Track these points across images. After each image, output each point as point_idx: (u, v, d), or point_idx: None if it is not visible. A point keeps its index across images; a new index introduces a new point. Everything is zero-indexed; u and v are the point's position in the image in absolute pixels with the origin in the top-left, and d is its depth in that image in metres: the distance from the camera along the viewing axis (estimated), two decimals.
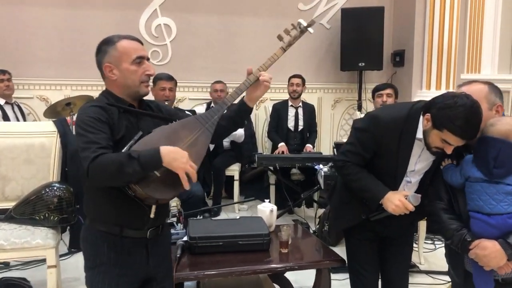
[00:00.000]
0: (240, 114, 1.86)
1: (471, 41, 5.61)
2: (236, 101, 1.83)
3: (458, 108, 1.63)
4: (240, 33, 5.15)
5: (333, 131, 5.58)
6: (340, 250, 3.37)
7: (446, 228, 1.79)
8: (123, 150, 1.57)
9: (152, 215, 1.65)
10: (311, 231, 3.93)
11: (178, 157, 1.54)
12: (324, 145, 5.46)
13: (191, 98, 5.11)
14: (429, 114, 1.72)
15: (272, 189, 4.51)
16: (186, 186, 1.57)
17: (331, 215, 2.34)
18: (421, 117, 1.80)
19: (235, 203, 4.52)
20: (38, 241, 2.33)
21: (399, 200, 1.81)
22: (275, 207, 2.62)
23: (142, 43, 1.73)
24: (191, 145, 1.69)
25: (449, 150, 1.72)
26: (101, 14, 4.76)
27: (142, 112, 1.74)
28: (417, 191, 1.94)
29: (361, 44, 4.97)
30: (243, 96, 1.85)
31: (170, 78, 3.78)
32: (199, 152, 1.70)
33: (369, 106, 5.42)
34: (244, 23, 5.16)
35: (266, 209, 2.60)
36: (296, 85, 4.66)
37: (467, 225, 1.75)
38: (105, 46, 1.67)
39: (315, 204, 4.61)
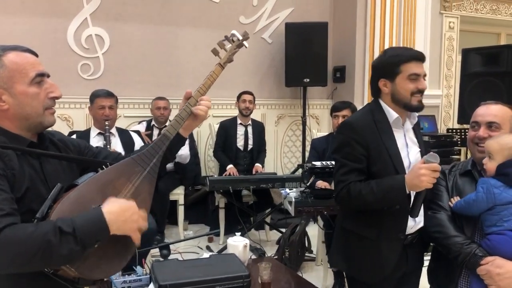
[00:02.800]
0: (172, 147, 1.51)
1: None
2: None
3: (390, 50, 1.89)
4: (178, 45, 4.83)
5: (276, 148, 5.42)
6: (304, 277, 3.20)
7: (453, 241, 1.72)
8: (37, 215, 1.14)
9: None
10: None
11: (128, 216, 1.20)
12: (269, 162, 5.27)
13: (127, 115, 4.66)
14: (381, 78, 1.80)
15: (222, 213, 4.21)
16: (138, 244, 1.27)
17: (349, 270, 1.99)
18: (381, 101, 1.84)
19: (202, 235, 4.10)
20: None
21: (419, 168, 1.62)
22: (248, 241, 2.35)
23: (37, 55, 1.30)
24: (133, 196, 1.33)
25: (422, 83, 1.77)
26: (22, 21, 4.18)
27: (48, 154, 1.30)
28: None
29: (306, 60, 4.88)
30: None
31: (109, 95, 3.37)
32: (143, 203, 1.35)
33: (312, 123, 5.35)
34: (182, 35, 4.85)
35: (239, 243, 2.31)
36: (249, 102, 4.43)
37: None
38: None
39: (266, 226, 4.39)
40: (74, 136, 3.30)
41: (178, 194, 4.27)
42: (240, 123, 4.47)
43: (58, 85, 1.32)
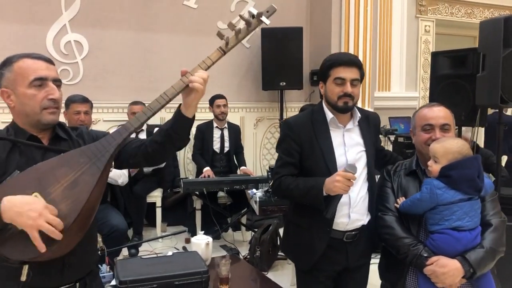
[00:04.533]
0: (174, 127, 1.47)
1: (381, 61, 5.93)
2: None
3: (330, 56, 1.96)
4: (156, 51, 4.92)
5: (255, 150, 5.52)
6: (273, 275, 3.30)
7: (402, 243, 1.82)
8: None
9: (23, 278, 1.30)
10: (242, 257, 3.80)
11: (24, 210, 1.21)
12: (248, 164, 5.35)
13: (106, 119, 4.75)
14: (320, 81, 1.93)
15: (198, 214, 4.30)
16: (41, 248, 1.22)
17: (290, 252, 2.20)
18: (323, 104, 1.96)
19: (166, 235, 4.21)
20: None
21: (337, 175, 1.75)
22: (210, 239, 2.44)
23: (52, 63, 1.48)
24: (69, 187, 1.33)
25: (347, 87, 1.84)
26: (0, 29, 4.26)
27: (43, 147, 1.46)
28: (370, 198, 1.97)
29: (282, 64, 5.00)
30: (180, 104, 1.50)
31: (84, 100, 3.44)
32: (79, 196, 1.32)
33: None
34: (160, 40, 4.94)
35: (201, 241, 2.41)
36: (223, 106, 4.53)
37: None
38: (2, 68, 1.44)
39: (242, 227, 4.49)
40: None
41: (156, 197, 4.36)
42: (216, 126, 4.57)
43: None
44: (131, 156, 1.55)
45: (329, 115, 1.94)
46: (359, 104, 5.20)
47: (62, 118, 3.54)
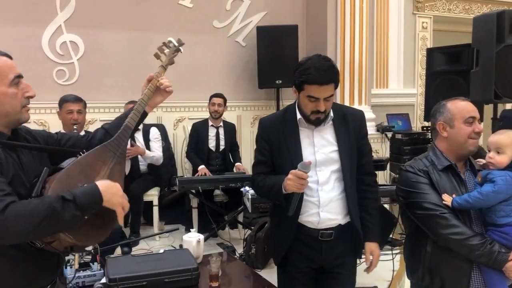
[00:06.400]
0: (137, 122, 1.70)
1: (378, 58, 5.93)
2: None
3: (306, 62, 1.82)
4: (152, 50, 4.83)
5: (252, 148, 5.50)
6: (268, 273, 3.30)
7: (474, 241, 1.76)
8: (33, 194, 1.31)
9: (76, 266, 1.51)
10: (237, 255, 3.81)
11: (115, 191, 1.39)
12: (245, 163, 5.36)
13: (102, 119, 4.75)
14: (293, 85, 1.88)
15: (195, 212, 4.31)
16: (121, 222, 1.44)
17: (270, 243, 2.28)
18: (296, 108, 1.94)
19: (159, 233, 4.23)
20: None
21: (290, 173, 1.77)
22: (202, 237, 2.44)
23: (12, 58, 1.43)
24: (109, 177, 1.51)
25: (321, 106, 1.81)
26: None
27: (24, 145, 1.45)
28: (349, 199, 1.94)
29: (277, 62, 4.99)
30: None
31: (77, 100, 3.47)
32: (118, 183, 1.52)
33: None
34: (155, 40, 4.85)
35: (193, 239, 2.41)
36: (218, 105, 4.54)
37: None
38: None
39: (239, 225, 4.50)
40: None
41: (153, 195, 4.37)
42: (212, 125, 4.59)
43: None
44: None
45: (298, 115, 1.93)
46: (356, 102, 5.20)
47: (56, 118, 3.59)
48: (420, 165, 1.94)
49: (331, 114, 1.93)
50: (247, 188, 3.20)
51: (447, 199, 1.84)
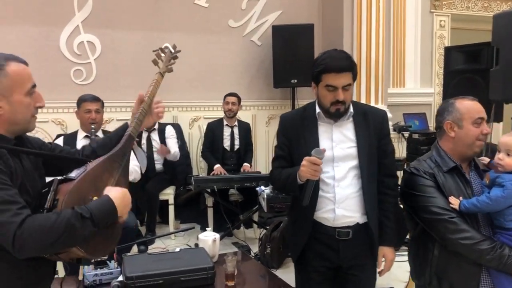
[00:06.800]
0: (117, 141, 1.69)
1: (395, 57, 5.87)
2: None
3: (323, 55, 1.87)
4: None
5: (268, 148, 5.52)
6: (283, 273, 3.30)
7: (483, 245, 1.72)
8: (46, 206, 1.31)
9: (80, 277, 1.49)
10: (252, 254, 3.81)
11: (126, 201, 1.43)
12: (260, 162, 5.38)
13: (119, 118, 4.80)
14: (312, 80, 1.89)
15: (210, 211, 4.33)
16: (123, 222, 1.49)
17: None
18: (316, 104, 1.95)
19: (175, 232, 4.25)
20: None
21: (303, 160, 1.76)
22: (217, 236, 2.45)
23: (28, 65, 1.41)
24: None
25: (339, 95, 1.81)
26: (15, 30, 4.35)
27: (33, 152, 1.46)
28: (368, 200, 1.91)
29: (293, 61, 4.97)
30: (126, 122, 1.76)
31: (95, 99, 3.50)
32: None
33: None
34: (171, 40, 4.86)
35: (208, 238, 2.42)
36: (232, 104, 4.54)
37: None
38: None
39: (254, 225, 4.49)
40: (61, 139, 3.45)
41: (168, 194, 4.39)
42: (227, 124, 4.60)
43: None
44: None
45: (317, 109, 1.94)
46: (372, 101, 5.16)
47: (74, 117, 3.63)
48: (425, 167, 1.90)
49: (351, 110, 1.92)
50: (262, 187, 3.20)
51: (455, 202, 1.80)
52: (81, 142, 3.44)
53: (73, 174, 1.46)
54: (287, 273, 3.38)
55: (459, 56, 4.36)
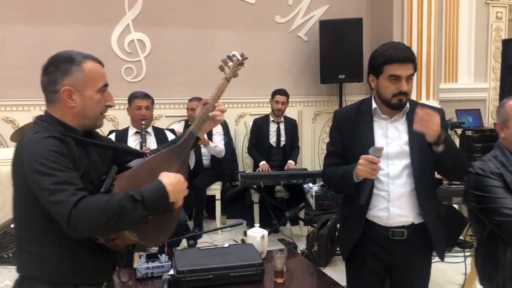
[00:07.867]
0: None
1: (447, 51, 5.65)
2: None
3: (383, 46, 1.84)
4: (215, 47, 4.99)
5: (314, 144, 5.47)
6: (331, 271, 3.26)
7: None
8: (102, 190, 1.37)
9: (135, 265, 1.49)
10: (299, 251, 3.79)
11: (179, 187, 1.44)
12: (306, 159, 5.34)
13: (168, 115, 4.91)
14: (370, 73, 1.87)
15: (256, 207, 4.34)
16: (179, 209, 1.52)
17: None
18: (373, 99, 1.91)
19: (223, 227, 4.30)
20: (7, 282, 2.10)
21: (360, 158, 1.72)
22: (266, 232, 2.45)
23: (103, 65, 1.51)
24: None
25: (403, 86, 1.77)
26: (69, 30, 4.52)
27: (97, 143, 1.52)
28: (425, 199, 1.84)
29: (340, 56, 4.89)
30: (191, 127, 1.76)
31: (146, 96, 3.59)
32: None
33: None
34: (218, 37, 5.01)
35: (257, 234, 2.42)
36: (282, 103, 4.50)
37: None
38: (66, 65, 1.39)
39: (300, 222, 4.47)
40: (113, 135, 3.56)
41: (215, 190, 4.44)
42: (273, 120, 4.58)
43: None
44: None
45: (373, 104, 1.90)
46: (423, 97, 5.00)
47: (125, 114, 3.74)
48: (491, 167, 1.85)
49: (407, 105, 1.87)
50: (310, 184, 3.17)
51: None
52: (131, 138, 3.54)
53: (132, 163, 1.53)
54: (334, 271, 3.34)
55: None
